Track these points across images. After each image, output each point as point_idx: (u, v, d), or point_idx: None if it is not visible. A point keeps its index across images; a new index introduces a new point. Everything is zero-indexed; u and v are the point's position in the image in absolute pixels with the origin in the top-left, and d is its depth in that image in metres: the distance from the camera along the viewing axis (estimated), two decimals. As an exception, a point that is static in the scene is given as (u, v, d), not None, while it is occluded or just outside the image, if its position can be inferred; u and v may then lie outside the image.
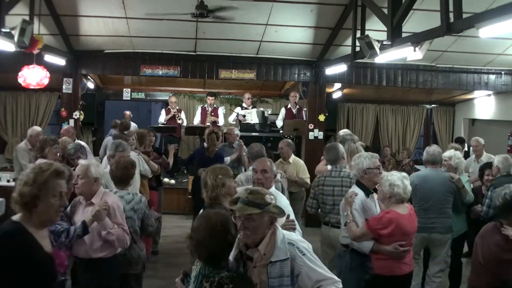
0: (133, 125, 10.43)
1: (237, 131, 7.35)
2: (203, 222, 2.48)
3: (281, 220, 3.04)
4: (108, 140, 8.38)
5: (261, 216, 2.49)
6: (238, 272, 2.53)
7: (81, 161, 3.85)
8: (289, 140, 6.21)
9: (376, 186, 3.97)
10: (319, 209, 4.77)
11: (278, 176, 4.63)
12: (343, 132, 6.18)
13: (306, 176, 6.29)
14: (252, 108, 10.08)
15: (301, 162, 6.49)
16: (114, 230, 3.58)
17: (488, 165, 5.60)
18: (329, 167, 4.96)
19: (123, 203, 3.84)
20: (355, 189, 4.01)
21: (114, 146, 4.95)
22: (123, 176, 4.05)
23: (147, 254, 5.64)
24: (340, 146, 4.91)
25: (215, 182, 3.42)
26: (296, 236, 2.72)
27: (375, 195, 3.99)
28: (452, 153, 5.30)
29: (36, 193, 2.29)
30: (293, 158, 6.35)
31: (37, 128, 6.84)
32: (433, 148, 5.12)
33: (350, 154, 5.00)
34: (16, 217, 2.33)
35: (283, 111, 10.00)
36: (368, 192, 3.96)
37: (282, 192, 4.28)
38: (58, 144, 5.48)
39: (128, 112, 10.57)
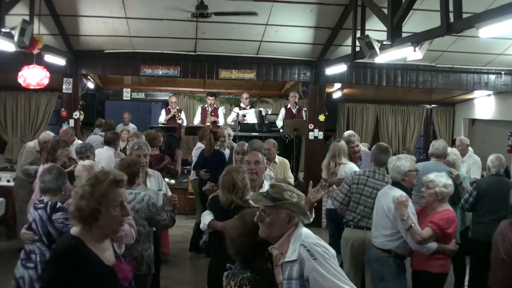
0: (132, 127, 10.44)
1: (229, 131, 7.20)
2: (238, 220, 2.49)
3: None
4: (91, 138, 8.40)
5: (276, 211, 2.38)
6: (265, 273, 2.43)
7: (83, 162, 3.82)
8: (274, 140, 6.16)
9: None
10: (349, 208, 4.50)
11: (272, 173, 4.91)
12: (348, 133, 6.09)
13: (290, 176, 6.24)
14: (250, 108, 10.08)
15: (286, 161, 6.33)
16: (124, 227, 3.36)
17: None
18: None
19: None
20: (395, 191, 3.92)
21: (130, 146, 4.79)
22: (128, 176, 3.98)
23: (164, 254, 5.51)
24: (391, 152, 4.63)
25: (244, 182, 3.48)
26: (316, 239, 2.42)
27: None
28: (449, 150, 5.44)
29: (96, 207, 2.11)
30: (278, 158, 6.19)
31: (50, 134, 6.61)
32: (439, 143, 5.32)
33: (338, 154, 5.28)
34: (74, 231, 2.18)
35: (283, 111, 10.00)
36: (409, 194, 3.99)
37: None
38: (68, 147, 5.44)
39: (126, 114, 10.57)
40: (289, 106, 9.99)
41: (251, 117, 9.83)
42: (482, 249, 4.57)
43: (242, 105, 10.14)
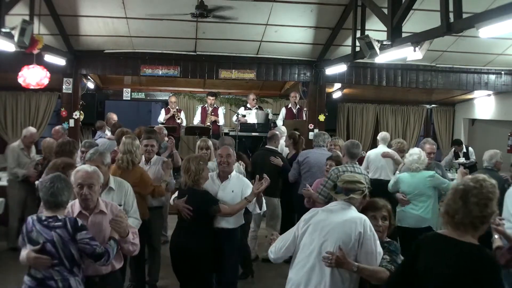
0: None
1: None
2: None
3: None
4: (98, 142, 8.30)
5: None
6: None
7: (85, 167, 3.25)
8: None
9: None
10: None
11: (241, 168, 5.27)
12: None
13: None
14: (255, 109, 10.07)
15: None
16: (134, 240, 3.23)
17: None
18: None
19: None
20: None
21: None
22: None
23: None
24: (360, 145, 5.14)
25: (198, 167, 4.05)
26: None
27: None
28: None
29: None
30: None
31: (31, 129, 6.87)
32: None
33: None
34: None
35: (283, 111, 10.00)
36: None
37: None
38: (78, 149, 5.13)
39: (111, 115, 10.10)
40: (289, 106, 9.99)
41: (252, 118, 9.82)
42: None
43: (248, 105, 10.13)
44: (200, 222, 4.08)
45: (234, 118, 10.06)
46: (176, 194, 4.41)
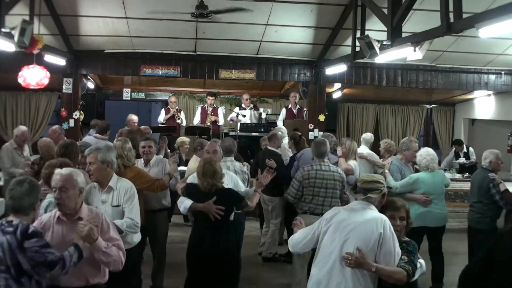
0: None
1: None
2: None
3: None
4: (85, 140, 8.27)
5: None
6: None
7: (60, 170, 3.10)
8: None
9: None
10: (302, 200, 4.90)
11: (245, 168, 5.21)
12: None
13: None
14: (250, 109, 10.06)
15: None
16: (109, 250, 2.95)
17: None
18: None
19: None
20: None
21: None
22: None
23: None
24: (327, 142, 5.10)
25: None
26: None
27: None
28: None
29: None
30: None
31: (22, 128, 6.91)
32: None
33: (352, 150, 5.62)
34: None
35: (284, 111, 10.00)
36: None
37: (248, 181, 5.10)
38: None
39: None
40: (289, 106, 9.99)
41: (247, 117, 9.82)
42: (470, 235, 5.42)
43: (243, 105, 10.14)
44: (227, 219, 4.09)
45: (229, 117, 10.07)
46: (181, 183, 4.45)
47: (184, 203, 4.11)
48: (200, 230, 4.13)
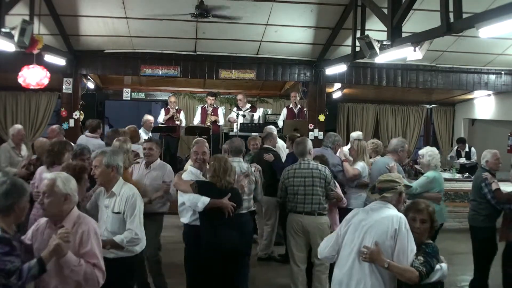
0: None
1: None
2: None
3: None
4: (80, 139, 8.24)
5: None
6: None
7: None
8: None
9: None
10: (287, 200, 5.01)
11: (253, 169, 5.13)
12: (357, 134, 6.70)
13: None
14: (246, 109, 10.04)
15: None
16: (79, 268, 2.74)
17: None
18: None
19: None
20: None
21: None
22: None
23: None
24: (309, 141, 5.15)
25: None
26: None
27: None
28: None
29: None
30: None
31: (17, 126, 6.92)
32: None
33: (362, 150, 5.71)
34: None
35: (284, 111, 9.98)
36: None
37: (257, 183, 5.06)
38: (72, 150, 4.87)
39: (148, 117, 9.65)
40: (290, 106, 9.98)
41: (240, 118, 9.79)
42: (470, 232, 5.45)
43: (239, 105, 10.12)
44: (237, 216, 4.22)
45: (228, 117, 10.06)
46: (184, 175, 4.49)
47: (202, 199, 4.09)
48: (215, 228, 4.14)
